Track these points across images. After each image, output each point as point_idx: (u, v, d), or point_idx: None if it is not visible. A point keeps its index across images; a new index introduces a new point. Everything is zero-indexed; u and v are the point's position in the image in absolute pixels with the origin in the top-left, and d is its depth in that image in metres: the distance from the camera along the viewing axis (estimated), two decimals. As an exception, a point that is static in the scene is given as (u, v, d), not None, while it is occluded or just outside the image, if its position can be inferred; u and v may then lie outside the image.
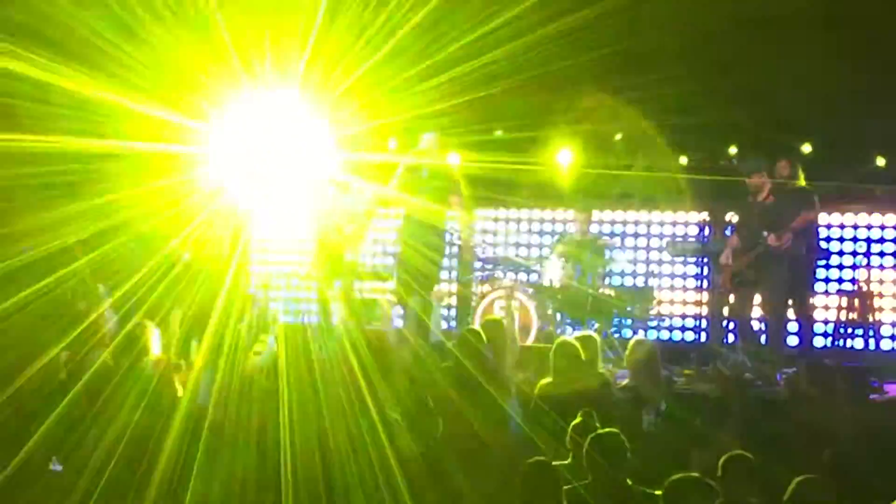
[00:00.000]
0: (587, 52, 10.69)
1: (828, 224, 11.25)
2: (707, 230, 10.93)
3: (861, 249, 11.43)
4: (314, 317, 10.51)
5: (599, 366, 8.26)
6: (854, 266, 11.41)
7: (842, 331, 11.06)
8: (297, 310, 11.30)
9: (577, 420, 6.38)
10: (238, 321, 7.90)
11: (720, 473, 5.63)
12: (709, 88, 11.75)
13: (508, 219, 12.71)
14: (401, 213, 10.39)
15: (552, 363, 7.69)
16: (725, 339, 10.72)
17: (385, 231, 12.61)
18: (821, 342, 11.02)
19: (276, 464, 6.31)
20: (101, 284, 9.51)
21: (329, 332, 8.80)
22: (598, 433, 5.96)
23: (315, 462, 6.28)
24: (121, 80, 9.38)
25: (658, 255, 12.11)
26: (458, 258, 11.63)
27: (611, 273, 11.70)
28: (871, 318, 10.98)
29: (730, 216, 10.76)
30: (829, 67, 11.02)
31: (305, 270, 11.24)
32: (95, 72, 9.26)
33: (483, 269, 11.86)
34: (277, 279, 12.31)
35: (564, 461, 6.19)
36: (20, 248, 9.30)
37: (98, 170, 9.80)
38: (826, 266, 11.19)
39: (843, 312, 11.08)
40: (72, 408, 6.87)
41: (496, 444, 6.91)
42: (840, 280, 11.38)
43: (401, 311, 10.20)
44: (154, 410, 6.94)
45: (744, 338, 10.12)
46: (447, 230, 10.00)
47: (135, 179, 9.48)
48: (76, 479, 6.29)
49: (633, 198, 12.27)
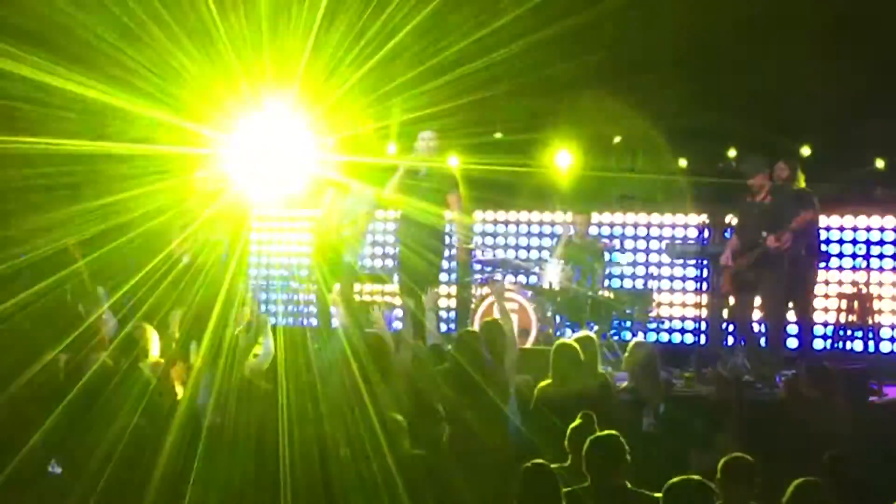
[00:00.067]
0: (586, 55, 10.72)
1: (827, 226, 11.22)
2: (706, 232, 10.91)
3: (861, 251, 11.41)
4: (313, 319, 10.51)
5: (599, 368, 8.26)
6: (854, 268, 11.40)
7: (841, 333, 11.03)
8: (297, 312, 11.30)
9: (577, 422, 6.36)
10: (237, 323, 7.88)
11: (720, 476, 5.61)
12: (708, 91, 11.77)
13: (508, 221, 12.70)
14: (399, 216, 10.38)
15: (551, 365, 7.68)
16: (725, 342, 10.69)
17: (384, 233, 12.64)
18: (820, 344, 11.02)
19: (275, 466, 6.30)
20: (101, 286, 9.50)
21: (328, 335, 8.79)
22: (598, 435, 5.94)
23: (314, 464, 6.27)
24: (120, 82, 9.39)
25: (657, 258, 12.10)
26: (458, 260, 11.61)
27: (610, 275, 11.71)
28: (871, 321, 10.96)
29: (729, 218, 10.74)
30: (829, 70, 11.04)
31: (305, 273, 11.24)
32: (95, 74, 9.27)
33: (482, 272, 11.86)
34: (276, 282, 12.32)
35: (563, 463, 6.18)
36: (19, 251, 9.31)
37: (97, 172, 9.81)
38: (826, 268, 11.17)
39: (843, 314, 11.06)
40: (71, 410, 6.85)
41: (495, 446, 6.91)
42: (840, 282, 11.38)
43: (399, 314, 10.19)
44: (153, 413, 6.94)
45: (743, 340, 10.11)
46: (446, 232, 9.99)
47: (134, 181, 9.49)
48: (75, 482, 6.28)
49: (633, 200, 12.26)
